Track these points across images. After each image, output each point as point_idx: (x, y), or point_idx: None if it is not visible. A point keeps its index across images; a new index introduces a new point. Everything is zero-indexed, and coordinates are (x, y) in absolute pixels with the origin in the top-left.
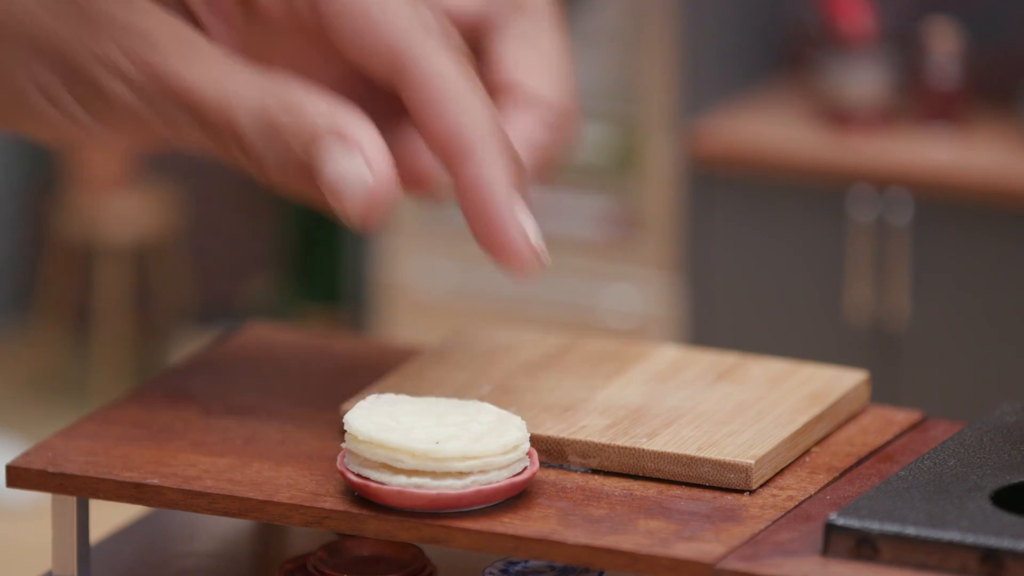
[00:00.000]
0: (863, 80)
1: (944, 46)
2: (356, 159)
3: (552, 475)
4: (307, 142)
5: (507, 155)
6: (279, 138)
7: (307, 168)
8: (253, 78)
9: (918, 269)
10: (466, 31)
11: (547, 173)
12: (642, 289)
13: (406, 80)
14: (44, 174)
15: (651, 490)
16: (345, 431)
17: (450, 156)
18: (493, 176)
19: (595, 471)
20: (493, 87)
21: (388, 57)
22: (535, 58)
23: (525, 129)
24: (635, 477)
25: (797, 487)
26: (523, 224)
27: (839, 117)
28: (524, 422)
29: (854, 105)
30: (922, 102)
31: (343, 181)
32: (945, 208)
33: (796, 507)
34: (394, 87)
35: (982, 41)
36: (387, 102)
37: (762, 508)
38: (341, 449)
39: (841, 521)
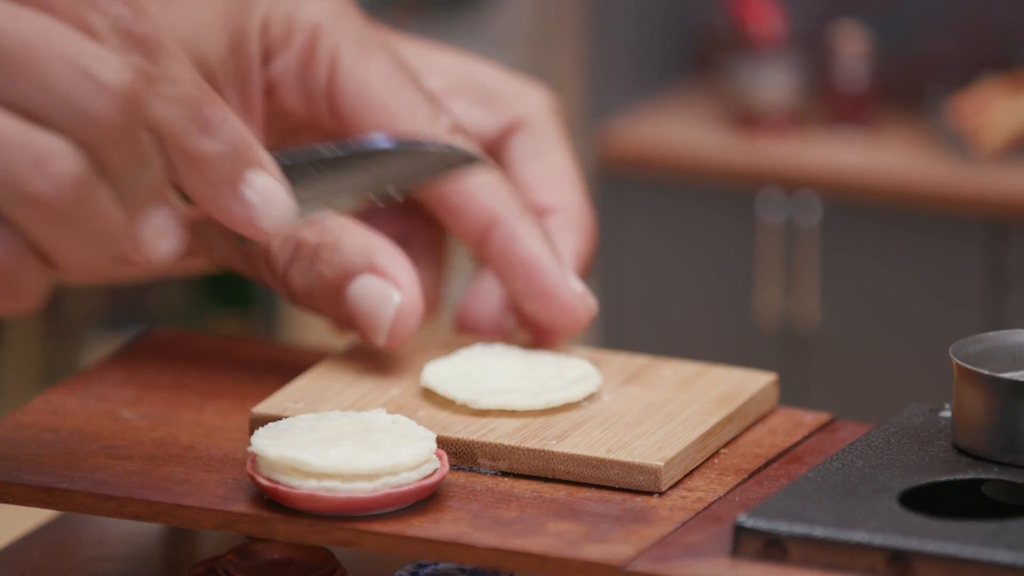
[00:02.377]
0: (772, 83)
1: (852, 49)
2: (388, 287)
3: (462, 478)
4: (342, 278)
5: (536, 222)
6: (313, 269)
7: (336, 295)
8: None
9: (827, 271)
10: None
11: (584, 271)
12: None
13: None
14: None
15: (561, 492)
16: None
17: (482, 231)
18: (527, 237)
19: (505, 473)
20: None
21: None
22: (545, 171)
23: (555, 235)
24: (545, 479)
25: (706, 489)
26: (570, 279)
27: (748, 119)
28: (429, 433)
29: (763, 108)
30: (830, 104)
31: (372, 308)
32: (853, 210)
33: (705, 509)
34: None
35: (889, 44)
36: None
37: (671, 510)
38: (251, 453)
39: (750, 522)
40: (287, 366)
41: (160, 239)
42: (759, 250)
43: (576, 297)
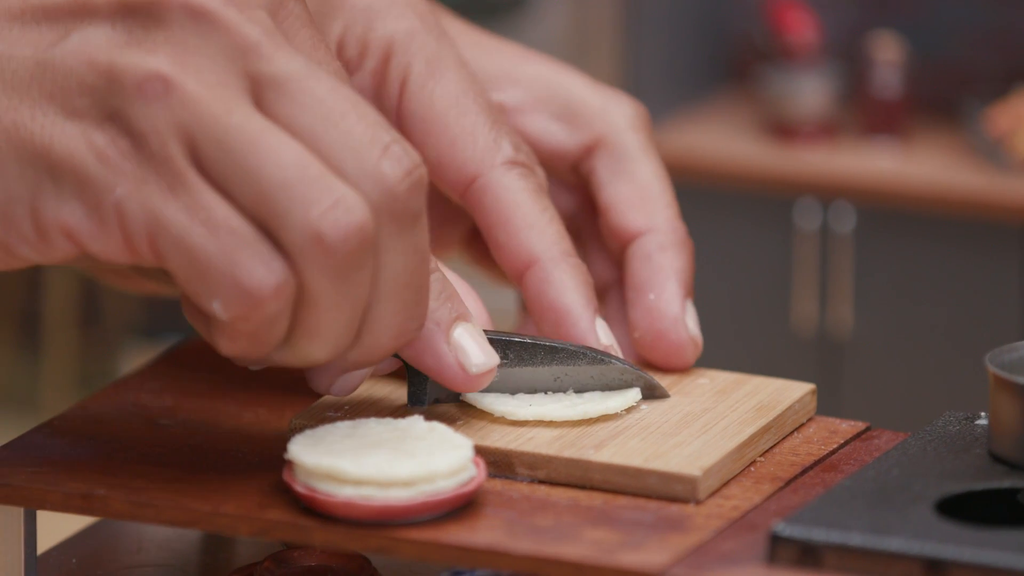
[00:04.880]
0: (807, 92)
1: (887, 58)
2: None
3: (498, 485)
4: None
5: (576, 268)
6: None
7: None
8: None
9: (861, 279)
10: (559, 167)
11: (688, 288)
12: None
13: (479, 199)
14: None
15: (597, 500)
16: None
17: (520, 269)
18: (562, 283)
19: (542, 481)
20: (605, 230)
21: (461, 175)
22: (629, 191)
23: (649, 259)
24: (582, 487)
25: (742, 497)
26: (599, 330)
27: (784, 128)
28: (467, 440)
29: (799, 117)
30: (866, 114)
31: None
32: (888, 218)
33: (741, 517)
34: (466, 208)
35: (924, 54)
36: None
37: (707, 518)
38: (288, 460)
39: (785, 531)
40: None
41: (361, 375)
42: (796, 259)
43: (601, 349)
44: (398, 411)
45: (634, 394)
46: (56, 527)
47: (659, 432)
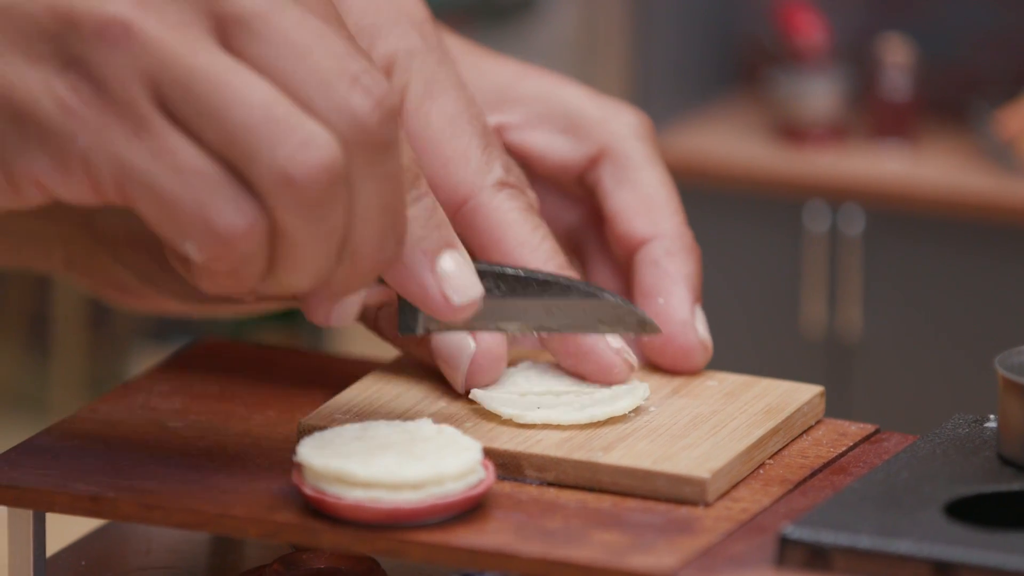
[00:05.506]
0: (816, 95)
1: (896, 61)
2: (464, 337)
3: (507, 487)
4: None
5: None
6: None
7: (423, 341)
8: None
9: (870, 282)
10: (564, 180)
11: (696, 294)
12: None
13: (471, 220)
14: None
15: (606, 502)
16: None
17: None
18: None
19: (551, 484)
20: (612, 239)
21: (453, 196)
22: (634, 199)
23: (657, 265)
24: (591, 490)
25: (751, 499)
26: (606, 336)
27: (793, 131)
28: (475, 443)
29: (808, 119)
30: (874, 116)
31: (450, 355)
32: (897, 221)
33: (750, 519)
34: (458, 230)
35: (934, 56)
36: None
37: (716, 520)
38: (297, 463)
39: (794, 533)
40: (333, 376)
41: (354, 303)
42: (805, 262)
43: (612, 353)
44: (407, 413)
45: (642, 392)
46: (65, 529)
47: (668, 434)
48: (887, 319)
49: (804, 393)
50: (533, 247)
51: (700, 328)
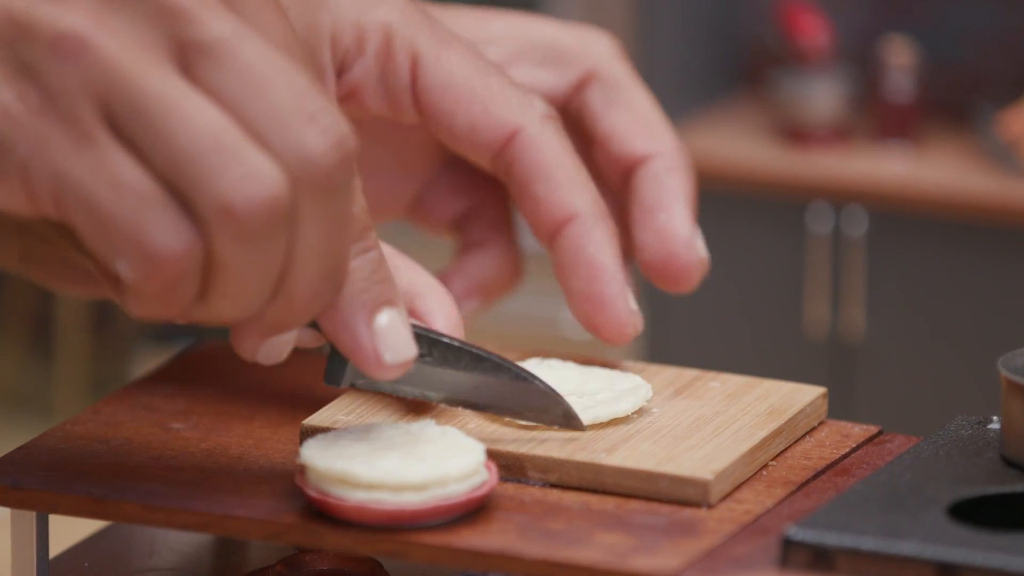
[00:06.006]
0: (820, 96)
1: (899, 63)
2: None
3: (510, 489)
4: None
5: (612, 229)
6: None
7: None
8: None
9: (873, 283)
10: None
11: (694, 211)
12: None
13: (519, 155)
14: None
15: (609, 504)
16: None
17: (558, 224)
18: (600, 242)
19: (554, 485)
20: (605, 160)
21: (499, 134)
22: (630, 119)
23: (658, 182)
24: (594, 491)
25: (754, 501)
26: (628, 294)
27: (796, 132)
28: (478, 444)
29: (811, 121)
30: (878, 118)
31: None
32: (900, 222)
33: (753, 521)
34: (498, 167)
35: (937, 58)
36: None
37: (719, 522)
38: (300, 464)
39: (798, 535)
40: None
41: (284, 342)
42: (808, 263)
43: (629, 314)
44: (410, 415)
45: (644, 393)
46: (68, 531)
47: (671, 435)
48: (890, 320)
49: (807, 394)
50: (581, 185)
51: (699, 245)
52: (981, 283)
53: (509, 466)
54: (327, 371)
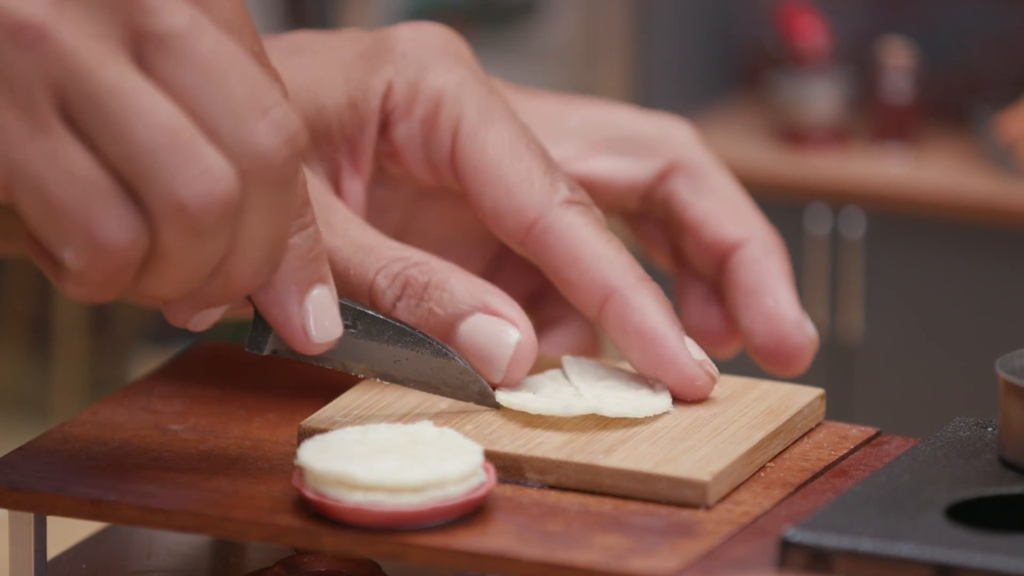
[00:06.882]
0: (818, 98)
1: (897, 64)
2: (505, 325)
3: (508, 491)
4: (454, 317)
5: (654, 292)
6: (422, 306)
7: (447, 333)
8: (393, 244)
9: (871, 285)
10: (629, 200)
11: (793, 291)
12: None
13: (543, 242)
14: None
15: (607, 505)
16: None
17: (599, 303)
18: (645, 308)
19: (552, 487)
20: (696, 248)
21: (521, 222)
22: (719, 205)
23: (758, 265)
24: (592, 493)
25: (752, 502)
26: (689, 347)
27: (794, 134)
28: (476, 446)
29: (809, 122)
30: (876, 119)
31: (488, 346)
32: (897, 223)
33: (752, 522)
34: (527, 253)
35: (935, 59)
36: (520, 280)
37: (718, 523)
38: (298, 466)
39: (796, 536)
40: (334, 379)
41: (215, 313)
42: (806, 264)
43: (695, 365)
44: (408, 416)
45: (658, 405)
46: (66, 532)
47: (668, 437)
48: (888, 322)
49: (805, 396)
50: (611, 259)
51: (809, 327)
52: (979, 285)
53: (507, 467)
54: (250, 338)
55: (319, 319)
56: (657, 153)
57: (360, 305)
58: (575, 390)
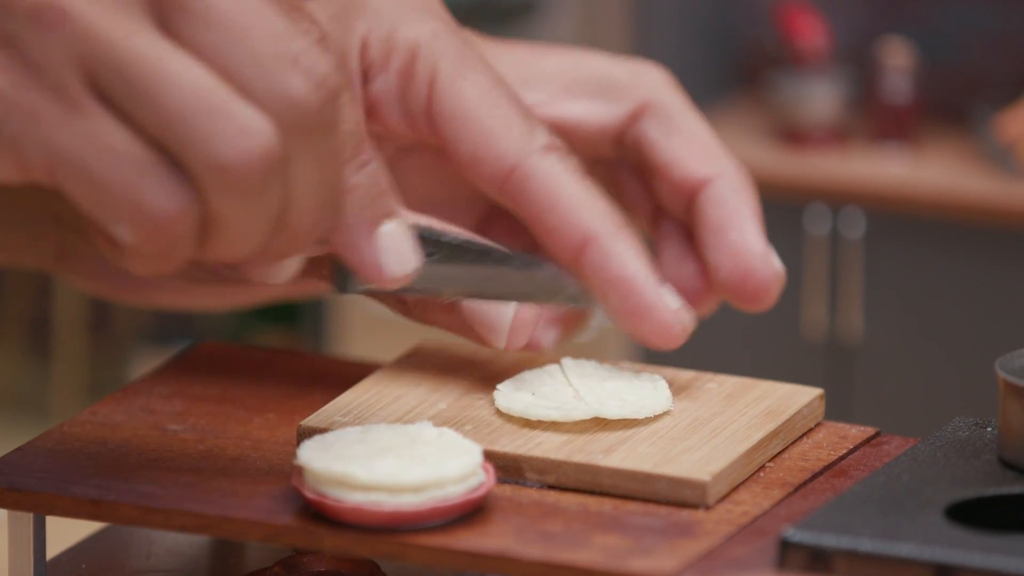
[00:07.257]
0: (817, 98)
1: (897, 64)
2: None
3: (508, 491)
4: None
5: (632, 239)
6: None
7: (451, 305)
8: None
9: (871, 285)
10: (601, 144)
11: (762, 229)
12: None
13: (521, 189)
14: None
15: (607, 505)
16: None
17: (577, 249)
18: (623, 255)
19: (551, 487)
20: (667, 188)
21: (498, 168)
22: (688, 145)
23: (724, 202)
24: (591, 493)
25: (752, 502)
26: (665, 296)
27: (794, 134)
28: (476, 446)
29: (809, 122)
30: (875, 119)
31: (489, 312)
32: (897, 223)
33: (751, 522)
34: (505, 202)
35: (934, 59)
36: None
37: (717, 523)
38: (297, 466)
39: (795, 536)
40: (334, 379)
41: (291, 263)
42: (806, 264)
43: (671, 313)
44: (407, 416)
45: (657, 405)
46: (65, 532)
47: (668, 437)
48: (887, 322)
49: (804, 396)
50: (590, 206)
51: (775, 260)
52: (979, 285)
53: (507, 467)
54: (335, 281)
55: (394, 253)
56: (627, 96)
57: (436, 232)
58: (575, 391)
